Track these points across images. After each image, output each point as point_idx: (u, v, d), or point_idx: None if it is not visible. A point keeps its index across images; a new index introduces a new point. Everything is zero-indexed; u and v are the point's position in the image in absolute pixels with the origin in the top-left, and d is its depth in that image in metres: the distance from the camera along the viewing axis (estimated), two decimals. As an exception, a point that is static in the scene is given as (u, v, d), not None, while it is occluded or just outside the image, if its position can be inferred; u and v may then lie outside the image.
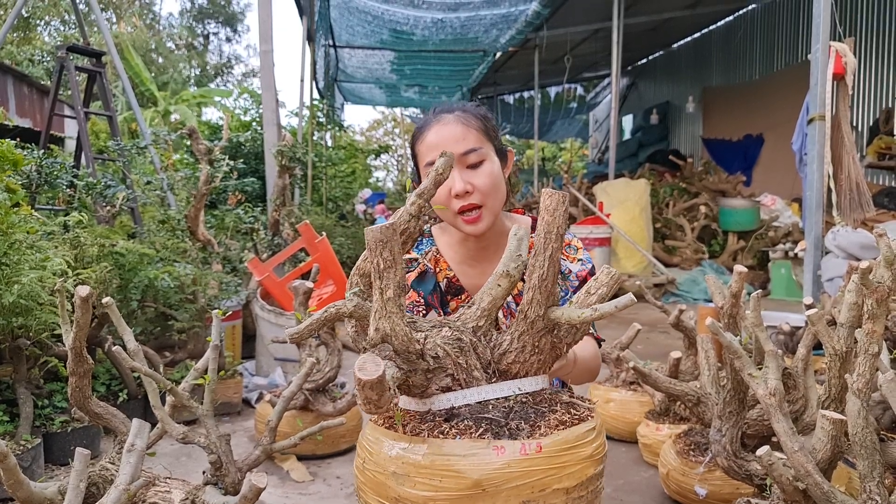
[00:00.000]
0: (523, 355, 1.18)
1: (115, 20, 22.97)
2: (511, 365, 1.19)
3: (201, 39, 28.87)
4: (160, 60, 24.77)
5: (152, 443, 1.72)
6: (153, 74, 20.05)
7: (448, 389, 1.14)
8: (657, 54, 15.91)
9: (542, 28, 10.02)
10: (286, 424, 2.98)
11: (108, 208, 4.46)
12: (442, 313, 1.60)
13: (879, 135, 9.07)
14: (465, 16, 9.72)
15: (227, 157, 4.88)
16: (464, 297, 1.62)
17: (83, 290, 1.42)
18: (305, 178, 8.82)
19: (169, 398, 1.82)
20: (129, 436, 1.50)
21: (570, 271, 1.60)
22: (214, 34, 29.37)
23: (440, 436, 1.08)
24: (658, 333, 5.83)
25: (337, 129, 13.39)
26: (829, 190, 4.33)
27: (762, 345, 1.64)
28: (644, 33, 12.76)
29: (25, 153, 4.27)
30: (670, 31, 13.71)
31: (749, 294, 1.86)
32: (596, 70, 15.75)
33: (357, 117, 78.89)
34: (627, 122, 17.36)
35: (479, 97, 16.74)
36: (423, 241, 1.69)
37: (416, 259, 1.63)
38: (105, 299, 1.64)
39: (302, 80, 9.57)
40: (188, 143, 7.28)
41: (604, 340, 1.70)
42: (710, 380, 2.01)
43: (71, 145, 8.88)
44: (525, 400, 1.16)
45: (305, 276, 4.13)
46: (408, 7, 9.45)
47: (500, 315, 1.59)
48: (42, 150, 4.64)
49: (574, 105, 17.62)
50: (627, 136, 16.62)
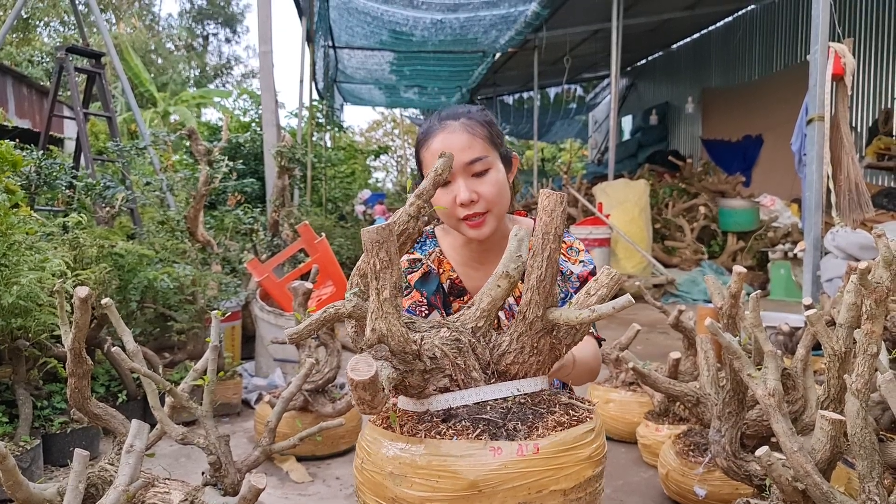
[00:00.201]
0: (522, 356, 1.18)
1: (114, 21, 22.97)
2: (510, 366, 1.19)
3: (200, 40, 28.88)
4: (159, 61, 24.79)
5: (151, 444, 1.72)
6: (152, 75, 20.06)
7: (446, 390, 1.14)
8: (656, 55, 15.92)
9: (541, 29, 10.03)
10: (285, 425, 2.98)
11: (107, 209, 4.45)
12: (444, 314, 1.60)
13: (878, 135, 9.08)
14: (465, 17, 9.72)
15: (226, 157, 4.89)
16: (466, 298, 1.62)
17: (82, 291, 1.42)
18: (305, 179, 8.82)
19: (168, 399, 1.82)
20: (128, 437, 1.50)
21: (572, 272, 1.60)
22: (214, 35, 29.39)
23: (437, 436, 1.08)
24: (657, 334, 5.83)
25: (336, 129, 13.39)
26: (828, 190, 4.34)
27: (761, 345, 1.64)
28: (643, 34, 12.77)
29: (25, 154, 4.28)
30: (669, 32, 13.72)
31: (748, 294, 1.86)
32: (595, 71, 15.76)
33: (356, 118, 78.89)
34: (627, 122, 17.36)
35: (479, 98, 16.74)
36: (427, 242, 1.68)
37: (420, 259, 1.62)
38: (104, 300, 1.64)
39: (301, 81, 9.57)
40: (187, 143, 7.29)
41: (604, 340, 1.70)
42: (709, 380, 2.01)
43: (70, 146, 8.88)
44: (523, 401, 1.16)
45: (305, 276, 4.13)
46: (407, 8, 9.45)
47: (502, 316, 1.59)
48: (41, 151, 4.64)
49: (573, 106, 17.64)
50: (627, 136, 16.63)
